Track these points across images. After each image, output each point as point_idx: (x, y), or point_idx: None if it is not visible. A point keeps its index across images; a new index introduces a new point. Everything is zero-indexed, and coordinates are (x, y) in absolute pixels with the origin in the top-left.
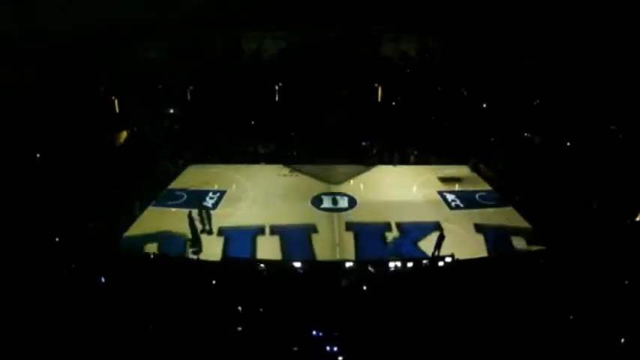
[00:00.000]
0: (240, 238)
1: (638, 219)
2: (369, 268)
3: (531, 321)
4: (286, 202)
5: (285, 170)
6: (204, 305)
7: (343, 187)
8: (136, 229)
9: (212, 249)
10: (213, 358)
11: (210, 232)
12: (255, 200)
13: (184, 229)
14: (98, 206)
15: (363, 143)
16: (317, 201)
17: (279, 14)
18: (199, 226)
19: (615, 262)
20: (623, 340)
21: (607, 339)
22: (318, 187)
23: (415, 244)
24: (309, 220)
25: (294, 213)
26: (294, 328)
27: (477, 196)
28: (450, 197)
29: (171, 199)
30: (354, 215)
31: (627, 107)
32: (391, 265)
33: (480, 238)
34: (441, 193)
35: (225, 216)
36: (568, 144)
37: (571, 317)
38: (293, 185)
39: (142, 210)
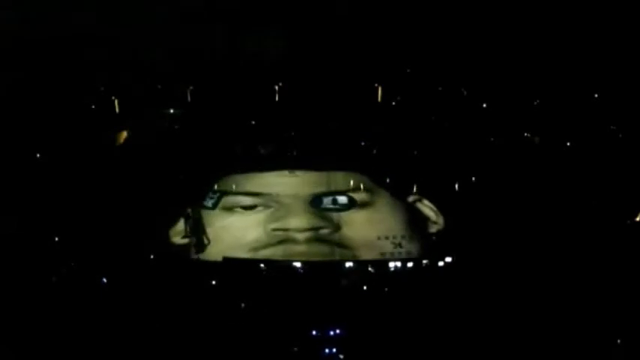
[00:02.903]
0: None
1: (638, 219)
2: (369, 268)
3: (531, 321)
4: None
5: None
6: (204, 305)
7: None
8: None
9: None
10: (214, 358)
11: (202, 244)
12: None
13: None
14: (98, 206)
15: (362, 143)
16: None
17: (279, 14)
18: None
19: (615, 262)
20: (623, 340)
21: (607, 339)
22: None
23: None
24: None
25: None
26: (294, 329)
27: None
28: None
29: None
30: None
31: (627, 107)
32: (391, 265)
33: None
34: None
35: None
36: (568, 144)
37: (571, 317)
38: None
39: None
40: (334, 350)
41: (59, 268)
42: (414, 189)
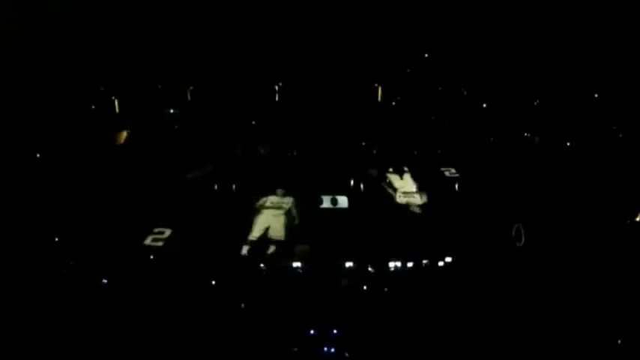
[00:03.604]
0: None
1: (638, 219)
2: (369, 268)
3: (531, 321)
4: None
5: None
6: (203, 304)
7: None
8: None
9: None
10: (212, 358)
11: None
12: None
13: None
14: (98, 206)
15: (363, 143)
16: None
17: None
18: None
19: (615, 262)
20: (623, 340)
21: (607, 339)
22: None
23: None
24: None
25: None
26: (294, 329)
27: None
28: None
29: None
30: None
31: (627, 107)
32: (391, 265)
33: None
34: None
35: None
36: (568, 144)
37: (570, 317)
38: None
39: None
40: (334, 350)
41: (59, 268)
42: (414, 188)
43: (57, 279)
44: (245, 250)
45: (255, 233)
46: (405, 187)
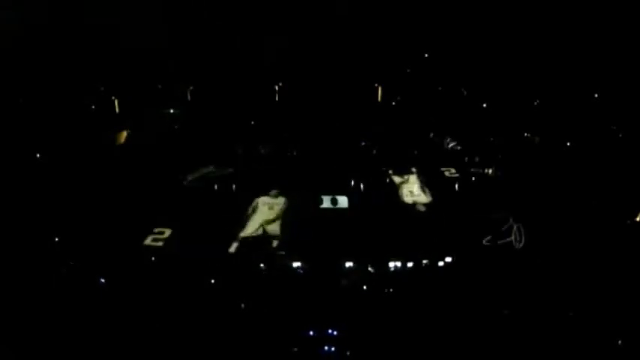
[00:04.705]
0: None
1: (638, 219)
2: (369, 268)
3: (531, 321)
4: None
5: None
6: (203, 304)
7: None
8: None
9: None
10: (212, 358)
11: None
12: None
13: None
14: (97, 206)
15: (363, 143)
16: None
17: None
18: None
19: (615, 262)
20: (623, 340)
21: (607, 340)
22: None
23: None
24: None
25: None
26: (294, 329)
27: None
28: None
29: None
30: None
31: (627, 107)
32: (391, 265)
33: None
34: None
35: None
36: (568, 144)
37: (570, 317)
38: None
39: None
40: (334, 350)
41: (59, 268)
42: (415, 188)
43: (57, 279)
44: (236, 247)
45: (252, 232)
46: (409, 187)
